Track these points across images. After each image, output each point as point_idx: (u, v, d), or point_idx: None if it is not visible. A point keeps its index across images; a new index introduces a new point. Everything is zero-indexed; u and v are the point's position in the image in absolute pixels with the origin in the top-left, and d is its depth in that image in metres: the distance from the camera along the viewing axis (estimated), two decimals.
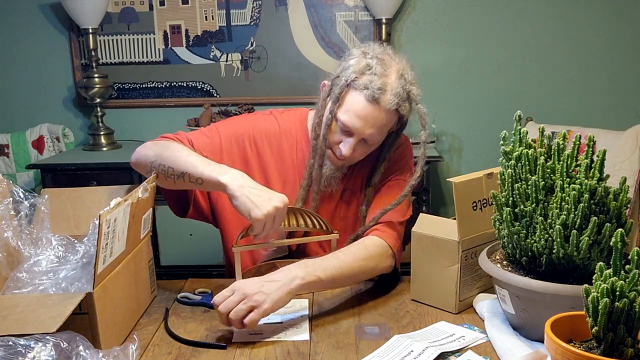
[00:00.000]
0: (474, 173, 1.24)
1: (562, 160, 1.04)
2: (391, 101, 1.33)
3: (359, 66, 1.35)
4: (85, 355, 0.88)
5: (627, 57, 2.85)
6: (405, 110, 1.36)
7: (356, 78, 1.34)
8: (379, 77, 1.33)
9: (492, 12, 2.85)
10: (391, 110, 1.34)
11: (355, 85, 1.34)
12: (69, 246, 1.22)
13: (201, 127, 2.55)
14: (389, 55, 1.38)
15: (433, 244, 1.25)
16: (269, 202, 1.22)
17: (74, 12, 2.68)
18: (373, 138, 1.38)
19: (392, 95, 1.33)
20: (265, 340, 1.15)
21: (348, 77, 1.35)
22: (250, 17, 2.89)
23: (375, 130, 1.36)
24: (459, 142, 2.99)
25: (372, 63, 1.35)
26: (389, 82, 1.33)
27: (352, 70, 1.35)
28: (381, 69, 1.34)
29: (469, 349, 1.09)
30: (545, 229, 1.02)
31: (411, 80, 1.37)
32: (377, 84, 1.32)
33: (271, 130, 1.49)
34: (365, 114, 1.33)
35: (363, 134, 1.36)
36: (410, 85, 1.36)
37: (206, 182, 1.29)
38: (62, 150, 2.89)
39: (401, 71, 1.36)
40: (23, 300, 1.00)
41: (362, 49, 1.39)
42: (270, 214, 1.21)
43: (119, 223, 1.08)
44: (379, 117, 1.34)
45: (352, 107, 1.35)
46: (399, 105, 1.34)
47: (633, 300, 0.79)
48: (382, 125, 1.36)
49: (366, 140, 1.38)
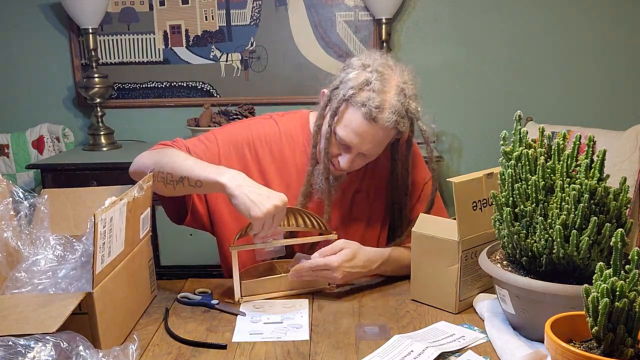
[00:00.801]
0: (474, 173, 1.24)
1: (562, 160, 1.04)
2: (389, 119, 1.31)
3: (358, 81, 1.32)
4: (85, 355, 0.88)
5: (627, 57, 2.85)
6: (404, 127, 1.35)
7: (354, 94, 1.32)
8: (377, 94, 1.30)
9: (492, 12, 2.85)
10: (389, 128, 1.33)
11: (354, 101, 1.32)
12: (67, 245, 1.21)
13: (201, 127, 2.56)
14: (390, 68, 1.35)
15: (433, 244, 1.25)
16: (268, 200, 1.22)
17: (74, 12, 2.68)
18: (371, 152, 1.38)
19: (390, 113, 1.31)
20: (265, 340, 1.15)
21: (346, 92, 1.33)
22: (250, 17, 2.89)
23: (373, 145, 1.36)
24: (459, 142, 2.99)
25: (372, 78, 1.32)
26: (388, 100, 1.31)
27: (351, 85, 1.33)
28: (380, 85, 1.31)
29: (469, 349, 1.09)
30: (545, 229, 1.02)
31: (411, 95, 1.35)
32: (375, 102, 1.30)
33: (271, 135, 1.49)
34: (363, 131, 1.33)
35: (361, 149, 1.36)
36: (410, 101, 1.34)
37: (205, 184, 1.29)
38: (62, 150, 2.89)
39: (401, 85, 1.33)
40: (23, 300, 1.00)
41: (363, 61, 1.36)
42: (270, 212, 1.21)
43: (115, 222, 1.08)
44: (376, 134, 1.33)
45: (349, 123, 1.33)
46: (397, 122, 1.32)
47: (633, 300, 0.79)
48: (380, 142, 1.36)
49: (364, 154, 1.38)
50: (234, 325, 1.22)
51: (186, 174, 1.30)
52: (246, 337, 1.17)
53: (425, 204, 1.46)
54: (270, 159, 1.47)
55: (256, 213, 1.21)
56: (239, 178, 1.26)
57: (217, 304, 1.30)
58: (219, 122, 2.57)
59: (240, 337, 1.17)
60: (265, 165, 1.47)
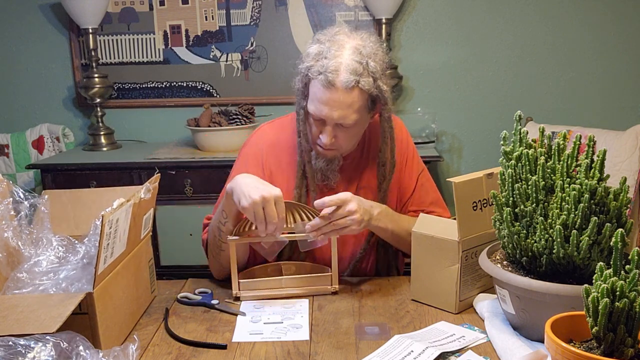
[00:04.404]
0: (474, 173, 1.24)
1: (562, 160, 1.04)
2: (347, 80, 1.30)
3: (313, 54, 1.35)
4: (85, 355, 0.88)
5: (628, 57, 2.85)
6: (368, 84, 1.32)
7: (311, 67, 1.35)
8: (331, 60, 1.31)
9: (492, 12, 2.85)
10: (351, 88, 1.31)
11: (312, 74, 1.34)
12: (69, 246, 1.22)
13: (201, 127, 2.57)
14: (345, 35, 1.36)
15: (433, 244, 1.25)
16: (256, 190, 1.24)
17: (74, 12, 2.68)
18: (346, 120, 1.35)
19: (347, 73, 1.30)
20: (265, 340, 1.15)
21: (304, 69, 1.37)
22: (250, 17, 2.89)
23: (343, 112, 1.33)
24: (459, 142, 2.99)
25: (325, 48, 1.34)
26: (343, 62, 1.31)
27: (307, 61, 1.36)
28: (334, 51, 1.32)
29: (469, 349, 1.09)
30: (546, 229, 1.02)
31: (370, 54, 1.33)
32: (330, 67, 1.30)
33: (268, 143, 1.51)
34: (327, 99, 1.33)
35: (333, 119, 1.35)
36: (369, 60, 1.32)
37: (226, 207, 1.33)
38: (62, 150, 2.89)
39: (357, 47, 1.33)
40: (23, 301, 1.00)
41: (317, 36, 1.39)
42: (257, 202, 1.22)
43: (120, 223, 1.08)
44: (339, 99, 1.32)
45: (314, 96, 1.35)
46: (357, 82, 1.31)
47: (633, 300, 0.79)
48: (348, 105, 1.33)
49: (342, 124, 1.36)
50: (234, 325, 1.22)
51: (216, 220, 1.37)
52: (246, 337, 1.17)
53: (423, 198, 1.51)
54: (275, 164, 1.49)
55: (243, 203, 1.24)
56: (239, 177, 1.28)
57: (217, 304, 1.30)
58: (219, 122, 2.57)
59: (240, 337, 1.17)
60: (273, 171, 1.49)
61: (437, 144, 2.87)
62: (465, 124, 2.96)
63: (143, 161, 2.53)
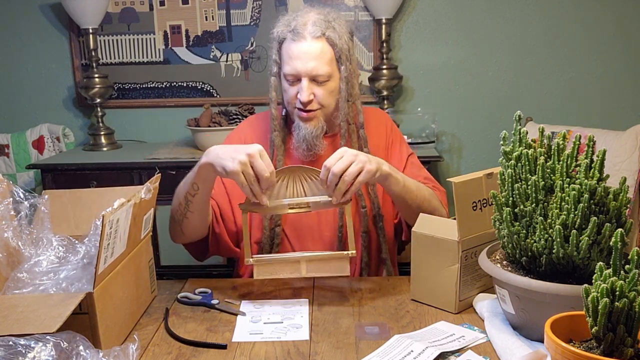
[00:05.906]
0: (474, 173, 1.24)
1: (562, 160, 1.04)
2: (314, 30, 1.41)
3: (283, 22, 1.47)
4: (85, 355, 0.88)
5: (627, 57, 2.85)
6: (334, 37, 1.42)
7: (281, 32, 1.45)
8: (299, 19, 1.44)
9: (492, 12, 2.86)
10: (318, 38, 1.41)
11: (282, 37, 1.45)
12: (69, 247, 1.22)
13: (201, 127, 2.57)
14: (310, 9, 1.48)
15: (433, 244, 1.25)
16: (237, 152, 1.24)
17: (74, 13, 2.68)
18: (319, 71, 1.42)
19: (313, 26, 1.41)
20: (265, 340, 1.15)
21: (276, 34, 1.46)
22: (250, 17, 2.89)
23: (316, 62, 1.41)
24: (459, 142, 2.99)
25: (292, 16, 1.46)
26: (309, 18, 1.43)
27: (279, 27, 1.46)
28: (301, 15, 1.45)
29: (469, 349, 1.09)
30: (545, 229, 1.02)
31: (334, 19, 1.45)
32: (299, 23, 1.42)
33: (252, 127, 1.58)
34: (298, 52, 1.41)
35: (308, 72, 1.41)
36: (333, 22, 1.44)
37: (198, 179, 1.32)
38: (62, 150, 2.89)
39: (322, 12, 1.45)
40: (23, 300, 1.00)
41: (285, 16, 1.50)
42: (244, 161, 1.22)
43: (121, 223, 1.08)
44: (309, 49, 1.41)
45: (287, 55, 1.44)
46: (323, 32, 1.41)
47: (633, 300, 0.79)
48: (319, 56, 1.41)
49: (316, 78, 1.42)
50: (234, 325, 1.22)
51: (184, 190, 1.37)
52: (246, 337, 1.17)
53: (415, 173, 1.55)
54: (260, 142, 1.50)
55: (230, 167, 1.22)
56: (213, 148, 1.30)
57: (217, 304, 1.30)
58: (219, 122, 2.57)
59: (240, 337, 1.17)
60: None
61: (437, 144, 2.87)
62: (465, 124, 2.96)
63: (143, 161, 2.54)
